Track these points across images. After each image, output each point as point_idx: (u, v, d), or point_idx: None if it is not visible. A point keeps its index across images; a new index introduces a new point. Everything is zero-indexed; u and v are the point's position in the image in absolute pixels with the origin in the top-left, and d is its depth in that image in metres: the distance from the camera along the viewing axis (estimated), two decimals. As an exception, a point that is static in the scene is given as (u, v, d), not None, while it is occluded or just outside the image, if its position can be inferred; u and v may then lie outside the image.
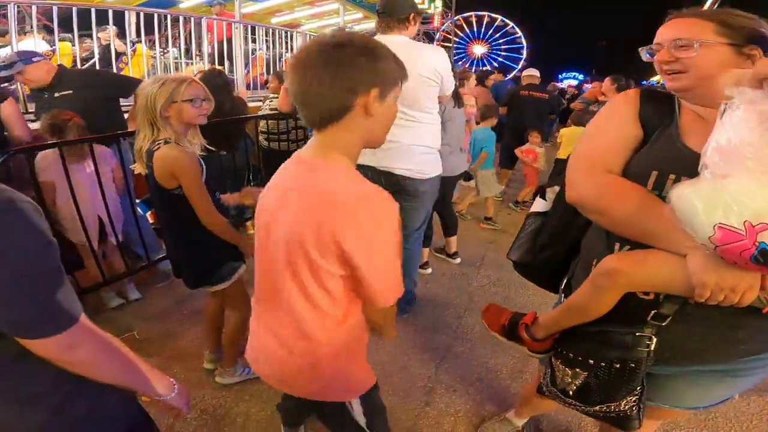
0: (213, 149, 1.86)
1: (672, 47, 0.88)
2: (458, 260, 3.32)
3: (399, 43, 2.01)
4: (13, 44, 3.13)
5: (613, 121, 0.97)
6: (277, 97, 3.76)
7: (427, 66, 2.03)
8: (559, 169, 1.24)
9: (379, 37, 2.09)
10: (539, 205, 1.25)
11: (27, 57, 2.54)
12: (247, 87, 5.26)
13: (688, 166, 0.78)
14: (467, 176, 3.87)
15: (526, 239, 1.24)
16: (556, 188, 1.20)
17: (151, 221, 2.85)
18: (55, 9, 3.45)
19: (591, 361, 0.96)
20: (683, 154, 0.84)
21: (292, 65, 0.81)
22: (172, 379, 0.93)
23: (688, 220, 0.70)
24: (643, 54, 0.96)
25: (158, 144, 1.51)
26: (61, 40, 3.78)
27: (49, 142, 2.19)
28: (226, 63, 5.18)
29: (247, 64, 5.38)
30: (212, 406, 1.86)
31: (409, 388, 2.00)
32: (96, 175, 2.33)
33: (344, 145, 0.85)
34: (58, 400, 0.76)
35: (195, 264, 1.71)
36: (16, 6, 3.18)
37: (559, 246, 1.16)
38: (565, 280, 1.14)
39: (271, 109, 3.77)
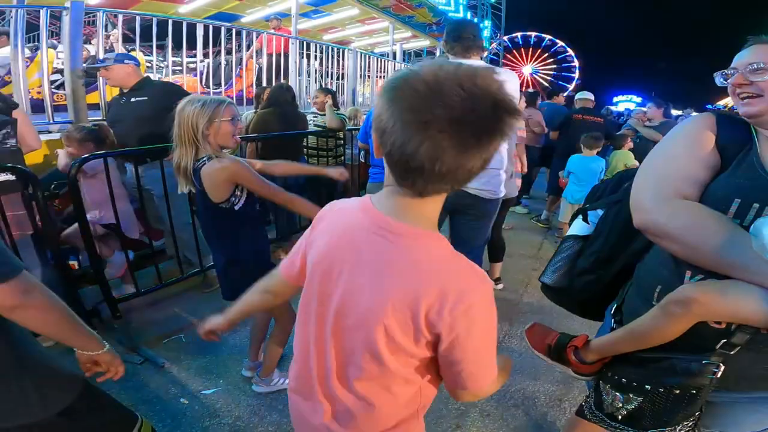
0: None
1: (747, 71, 0.87)
2: (501, 286, 3.25)
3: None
4: (99, 50, 3.36)
5: (689, 144, 0.92)
6: (323, 114, 3.84)
7: (510, 90, 2.14)
8: (601, 190, 1.24)
9: (455, 60, 2.13)
10: (579, 228, 1.21)
11: (121, 58, 2.70)
12: (239, 102, 5.08)
13: None
14: (517, 201, 3.82)
15: (564, 263, 1.20)
16: (600, 211, 1.16)
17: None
18: (138, 19, 3.77)
19: (648, 387, 0.92)
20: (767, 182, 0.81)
21: (418, 113, 0.56)
22: (104, 342, 1.04)
23: None
24: (718, 79, 0.95)
25: (202, 161, 1.60)
26: (50, 47, 3.71)
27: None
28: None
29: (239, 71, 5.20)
30: (246, 413, 1.88)
31: (441, 409, 1.95)
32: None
33: (435, 211, 0.70)
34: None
35: (235, 278, 1.74)
36: (105, 14, 3.50)
37: (604, 271, 1.11)
38: (615, 306, 1.10)
39: (316, 125, 3.85)
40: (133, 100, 2.67)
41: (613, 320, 1.07)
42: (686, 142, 0.93)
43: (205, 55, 4.48)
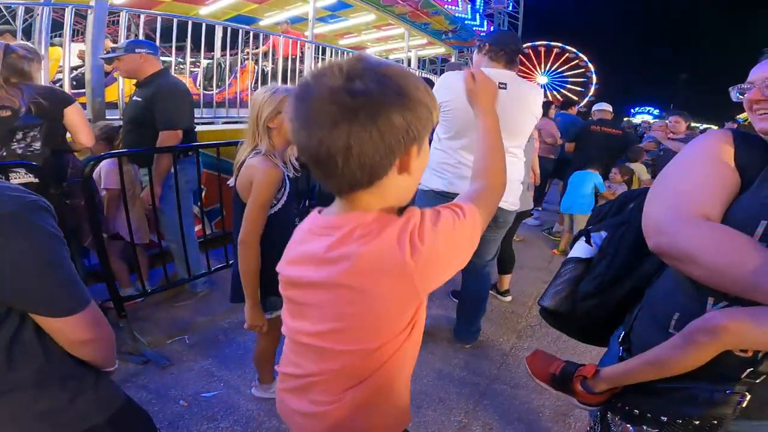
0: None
1: (764, 86, 0.84)
2: (509, 298, 3.20)
3: (512, 77, 2.07)
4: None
5: (708, 160, 0.86)
6: None
7: (538, 105, 2.16)
8: (604, 212, 1.20)
9: (489, 68, 2.04)
10: (582, 251, 1.15)
11: (132, 47, 2.44)
12: (231, 105, 4.53)
13: None
14: (529, 213, 3.78)
15: (565, 286, 1.15)
16: (603, 233, 1.11)
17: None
18: (159, 20, 3.79)
19: (664, 418, 0.86)
20: None
21: (296, 118, 0.64)
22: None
23: None
24: (733, 94, 0.92)
25: (254, 153, 1.48)
26: (52, 45, 3.66)
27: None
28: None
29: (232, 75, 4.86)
30: (245, 417, 1.86)
31: (442, 421, 1.92)
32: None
33: (378, 209, 0.71)
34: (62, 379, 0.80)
35: (239, 287, 1.66)
36: (127, 14, 3.56)
37: (609, 296, 1.06)
38: (623, 333, 1.05)
39: None
40: (134, 99, 2.53)
41: (621, 348, 1.02)
42: (704, 159, 0.87)
43: (222, 56, 4.52)
